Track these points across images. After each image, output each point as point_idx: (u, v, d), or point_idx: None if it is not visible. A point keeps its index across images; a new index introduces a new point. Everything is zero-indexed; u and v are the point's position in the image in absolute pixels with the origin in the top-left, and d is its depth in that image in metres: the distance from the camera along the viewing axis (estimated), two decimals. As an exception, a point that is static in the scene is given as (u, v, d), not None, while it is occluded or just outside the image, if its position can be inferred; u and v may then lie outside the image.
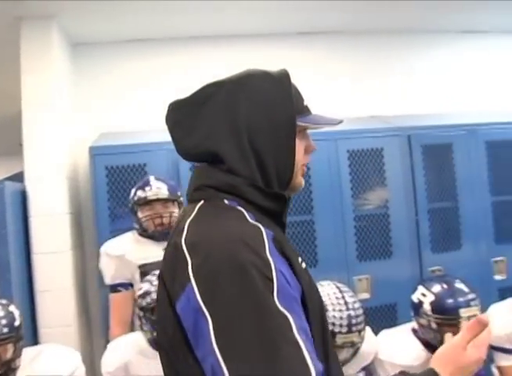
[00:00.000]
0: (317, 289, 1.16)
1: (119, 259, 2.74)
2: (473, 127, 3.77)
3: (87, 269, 3.73)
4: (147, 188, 2.73)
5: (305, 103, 1.22)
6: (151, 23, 3.74)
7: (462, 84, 4.40)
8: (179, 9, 3.51)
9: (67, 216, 3.37)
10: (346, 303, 2.04)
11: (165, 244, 2.70)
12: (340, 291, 2.10)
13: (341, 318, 2.00)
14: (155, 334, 1.85)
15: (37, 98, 3.37)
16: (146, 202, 2.72)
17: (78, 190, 3.75)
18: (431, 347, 2.32)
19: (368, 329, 2.27)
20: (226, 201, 1.08)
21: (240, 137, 1.09)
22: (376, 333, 2.39)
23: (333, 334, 1.99)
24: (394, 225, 3.58)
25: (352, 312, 2.03)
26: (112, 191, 3.30)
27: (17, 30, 3.35)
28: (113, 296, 2.82)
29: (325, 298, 2.05)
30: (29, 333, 2.93)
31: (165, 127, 1.19)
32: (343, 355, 2.07)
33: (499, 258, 3.69)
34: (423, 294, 2.34)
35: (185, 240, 0.99)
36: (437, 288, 2.31)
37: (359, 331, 2.06)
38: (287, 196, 1.15)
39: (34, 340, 3.14)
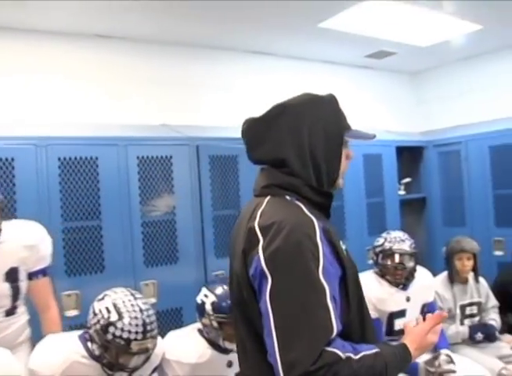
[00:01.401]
0: (356, 271, 1.48)
1: None
2: None
3: None
4: None
5: (348, 119, 1.57)
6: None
7: (247, 100, 4.69)
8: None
9: None
10: (141, 310, 2.05)
11: None
12: (135, 298, 2.11)
13: (137, 325, 2.01)
14: None
15: None
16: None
17: None
18: (217, 345, 2.46)
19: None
20: (288, 197, 1.43)
21: (302, 148, 1.45)
22: (162, 336, 2.44)
23: (128, 341, 2.00)
24: (181, 231, 3.69)
25: (147, 319, 2.05)
26: None
27: None
28: None
29: (120, 305, 2.05)
30: None
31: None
32: (134, 362, 2.08)
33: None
34: (206, 295, 2.48)
35: (258, 224, 1.35)
36: (219, 290, 2.47)
37: (153, 337, 2.09)
38: (332, 193, 1.51)
39: None
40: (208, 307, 2.42)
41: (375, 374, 1.26)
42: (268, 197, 1.45)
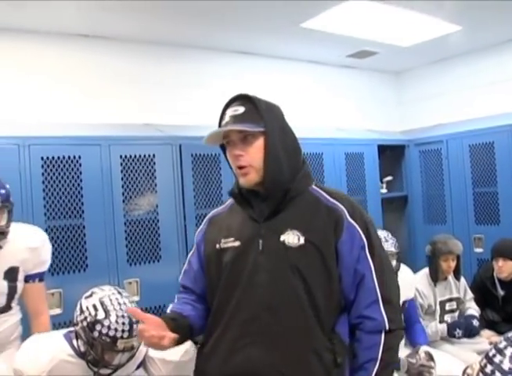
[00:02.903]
0: None
1: None
2: None
3: None
4: None
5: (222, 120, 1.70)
6: None
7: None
8: None
9: None
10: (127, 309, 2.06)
11: None
12: (122, 296, 2.12)
13: (123, 323, 2.02)
14: None
15: None
16: None
17: None
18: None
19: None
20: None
21: None
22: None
23: (115, 339, 2.01)
24: (164, 229, 3.71)
25: (133, 318, 2.05)
26: None
27: None
28: None
29: (107, 303, 2.06)
30: None
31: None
32: (118, 359, 2.09)
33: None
34: None
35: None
36: None
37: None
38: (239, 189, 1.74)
39: None
40: None
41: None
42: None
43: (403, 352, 3.08)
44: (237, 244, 1.66)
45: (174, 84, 4.50)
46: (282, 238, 1.60)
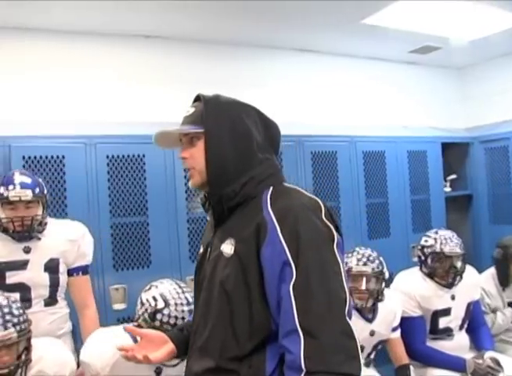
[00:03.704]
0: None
1: None
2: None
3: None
4: (10, 187, 2.47)
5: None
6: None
7: (291, 98, 4.70)
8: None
9: None
10: (186, 298, 2.12)
11: (24, 244, 2.57)
12: (180, 287, 2.18)
13: (183, 311, 2.07)
14: None
15: None
16: (8, 202, 2.50)
17: None
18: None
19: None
20: None
21: None
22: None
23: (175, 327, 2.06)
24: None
25: (193, 306, 2.11)
26: None
27: None
28: None
29: (166, 294, 2.11)
30: None
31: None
32: None
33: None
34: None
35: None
36: None
37: None
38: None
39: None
40: None
41: None
42: None
43: (468, 355, 3.01)
44: (201, 250, 1.65)
45: (236, 83, 4.50)
46: (222, 247, 1.48)
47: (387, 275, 2.87)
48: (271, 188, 1.50)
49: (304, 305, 1.28)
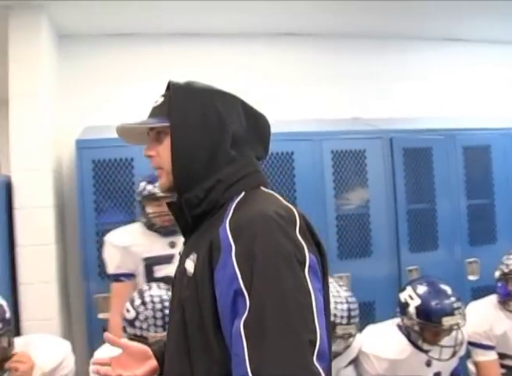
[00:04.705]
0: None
1: (124, 250, 2.75)
2: (451, 132, 3.90)
3: (68, 262, 3.72)
4: (157, 183, 2.70)
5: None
6: (139, 19, 3.75)
7: (441, 89, 4.52)
8: (167, 6, 3.54)
9: (51, 209, 3.35)
10: (345, 297, 2.12)
11: (170, 238, 2.70)
12: (339, 285, 2.18)
13: (342, 310, 2.07)
14: None
15: (23, 87, 3.34)
16: (155, 198, 2.71)
17: (62, 183, 3.73)
18: (414, 343, 2.41)
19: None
20: None
21: None
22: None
23: (334, 325, 2.06)
24: (374, 224, 3.67)
25: (351, 305, 2.11)
26: (98, 185, 3.30)
27: (6, 19, 3.33)
28: (114, 285, 2.82)
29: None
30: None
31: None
32: (335, 346, 2.14)
33: (472, 260, 3.82)
34: (411, 297, 2.41)
35: None
36: (424, 293, 2.38)
37: (356, 324, 2.14)
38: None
39: (16, 333, 3.11)
40: (412, 310, 2.37)
41: None
42: None
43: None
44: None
45: (381, 76, 4.43)
46: (185, 263, 1.23)
47: None
48: (242, 194, 1.24)
49: (257, 349, 0.98)
